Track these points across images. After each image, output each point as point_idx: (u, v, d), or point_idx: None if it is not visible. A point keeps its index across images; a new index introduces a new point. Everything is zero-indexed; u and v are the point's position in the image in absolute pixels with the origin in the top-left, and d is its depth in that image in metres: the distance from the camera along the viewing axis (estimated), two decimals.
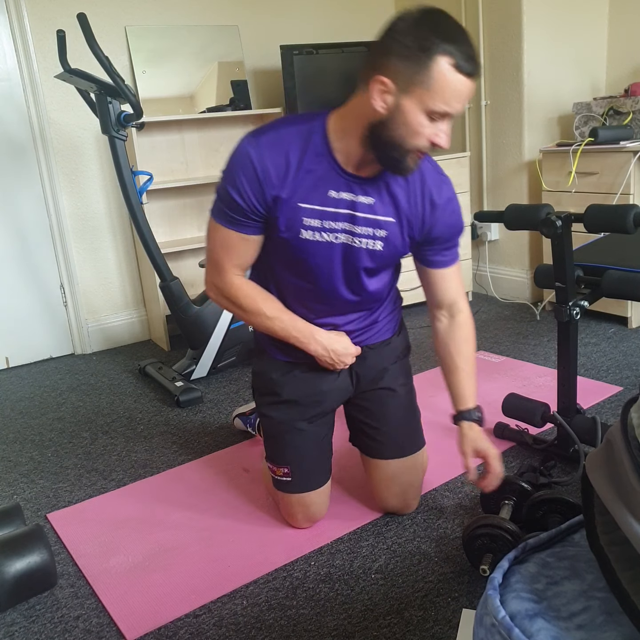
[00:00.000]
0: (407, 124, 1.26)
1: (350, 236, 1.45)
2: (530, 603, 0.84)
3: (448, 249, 1.55)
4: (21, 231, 3.06)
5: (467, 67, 1.21)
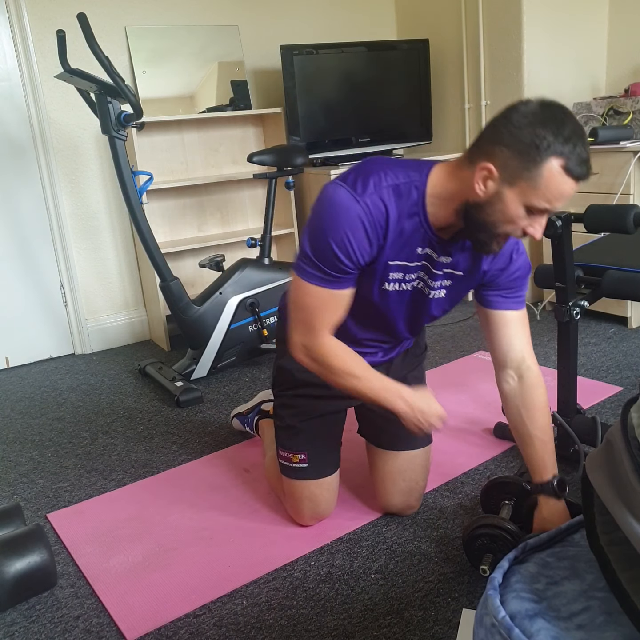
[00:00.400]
0: (505, 213, 1.24)
1: (425, 286, 1.45)
2: (530, 603, 0.84)
3: (512, 290, 1.48)
4: (21, 231, 3.06)
5: (579, 172, 1.19)
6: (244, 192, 3.51)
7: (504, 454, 1.97)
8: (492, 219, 1.26)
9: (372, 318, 1.52)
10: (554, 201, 1.21)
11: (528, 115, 1.17)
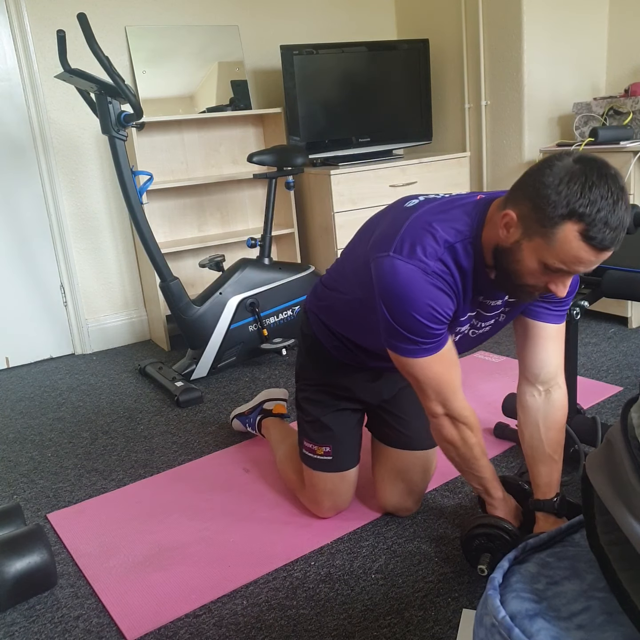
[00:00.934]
0: (522, 264, 1.20)
1: (473, 329, 1.45)
2: (531, 603, 0.84)
3: (558, 303, 1.42)
4: (21, 231, 3.06)
5: (600, 241, 1.11)
6: (244, 192, 3.51)
7: (504, 454, 1.97)
8: (515, 268, 1.22)
9: None
10: (571, 265, 1.15)
11: (560, 173, 1.11)
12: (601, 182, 1.10)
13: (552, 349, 1.43)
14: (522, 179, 1.18)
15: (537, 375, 1.44)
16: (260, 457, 2.08)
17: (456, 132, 3.63)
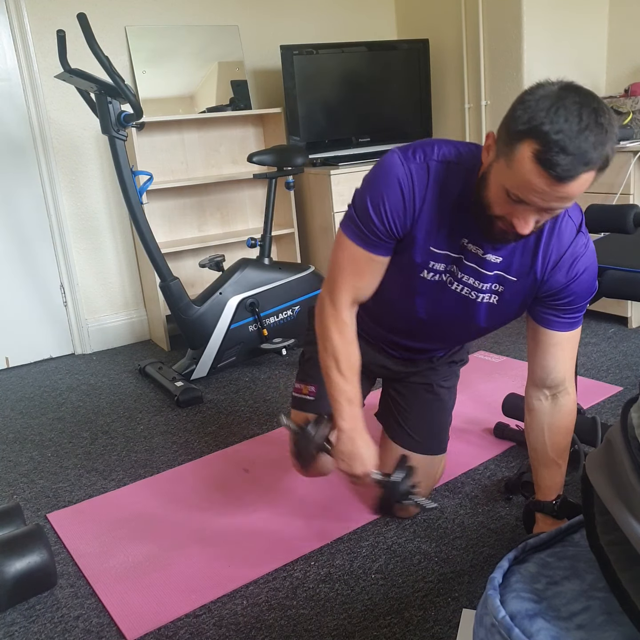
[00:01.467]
0: (490, 190, 1.15)
1: (467, 288, 1.37)
2: (530, 603, 0.84)
3: (568, 311, 1.35)
4: (21, 231, 3.06)
5: (551, 166, 1.01)
6: (244, 192, 3.51)
7: (504, 454, 1.97)
8: (485, 195, 1.16)
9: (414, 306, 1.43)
10: (525, 192, 1.06)
11: (538, 94, 1.03)
12: (574, 107, 1.01)
13: (561, 356, 1.38)
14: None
15: (544, 380, 1.41)
16: (260, 457, 2.08)
17: (456, 132, 3.63)
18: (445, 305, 1.41)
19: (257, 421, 2.35)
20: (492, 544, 1.57)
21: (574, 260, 1.30)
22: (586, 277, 1.32)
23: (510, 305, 1.39)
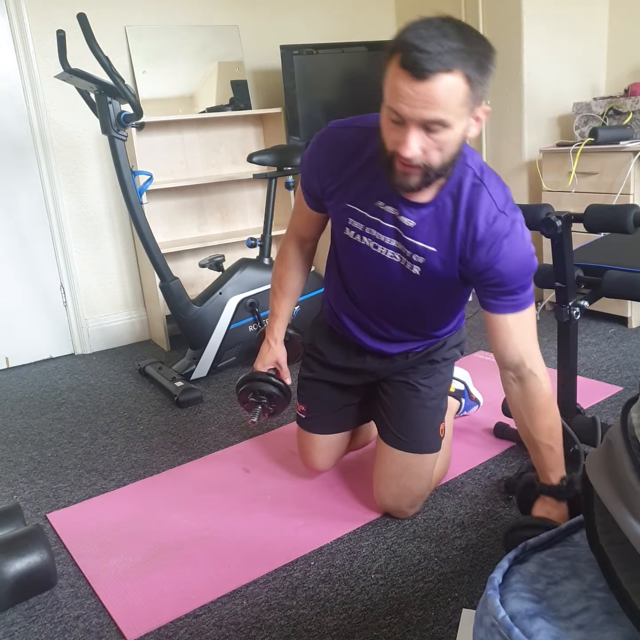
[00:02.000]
0: (382, 126, 1.25)
1: (392, 251, 1.42)
2: (530, 603, 0.84)
3: (503, 294, 1.36)
4: (21, 231, 3.06)
5: (408, 62, 1.09)
6: (244, 192, 3.51)
7: (504, 454, 1.97)
8: (380, 136, 1.26)
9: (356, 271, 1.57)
10: (394, 101, 1.16)
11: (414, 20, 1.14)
12: (438, 21, 1.10)
13: (510, 340, 1.41)
14: None
15: (502, 363, 1.46)
16: (260, 457, 2.08)
17: None
18: (379, 271, 1.48)
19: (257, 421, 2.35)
20: (492, 544, 1.57)
21: (495, 240, 1.31)
22: (511, 258, 1.32)
23: (437, 279, 1.42)
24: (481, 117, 1.22)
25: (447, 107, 1.13)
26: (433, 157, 1.20)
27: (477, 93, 1.16)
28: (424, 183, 1.26)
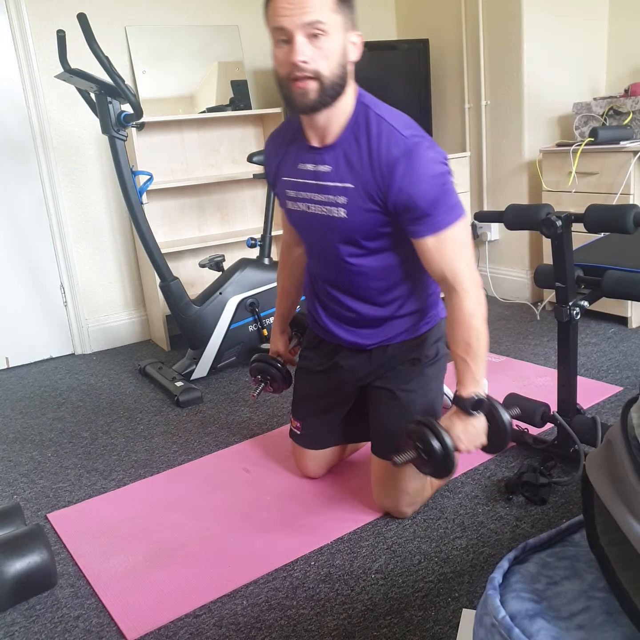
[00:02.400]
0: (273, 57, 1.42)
1: (320, 205, 1.54)
2: (530, 603, 0.84)
3: (419, 218, 1.43)
4: (21, 231, 3.06)
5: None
6: (244, 192, 3.51)
7: (504, 454, 1.97)
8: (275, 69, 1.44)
9: (306, 245, 1.70)
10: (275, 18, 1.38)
11: None
12: None
13: (430, 254, 1.46)
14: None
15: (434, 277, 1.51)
16: (260, 457, 2.08)
17: (456, 132, 3.63)
18: (317, 231, 1.58)
19: (257, 421, 2.35)
20: (492, 544, 1.57)
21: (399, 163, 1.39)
22: (418, 178, 1.39)
23: (363, 215, 1.48)
24: (357, 42, 1.41)
25: (321, 10, 1.32)
26: (321, 64, 1.35)
27: (345, 9, 1.36)
28: (322, 98, 1.39)
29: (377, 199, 1.45)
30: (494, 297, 3.57)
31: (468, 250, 1.48)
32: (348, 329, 1.69)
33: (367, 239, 1.52)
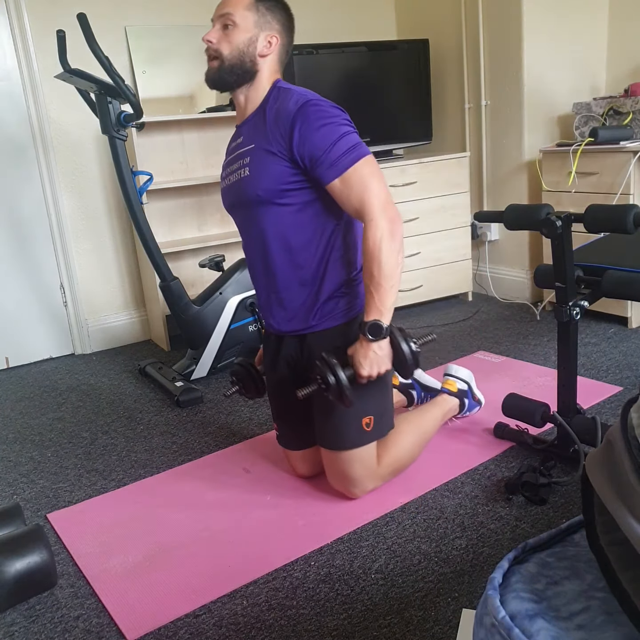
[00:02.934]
0: None
1: (234, 174, 1.70)
2: (530, 603, 0.84)
3: (321, 162, 1.55)
4: (21, 231, 3.06)
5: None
6: None
7: (504, 454, 1.97)
8: None
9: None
10: (216, 9, 1.64)
11: None
12: None
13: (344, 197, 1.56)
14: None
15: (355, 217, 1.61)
16: (260, 457, 2.08)
17: (456, 132, 3.63)
18: (233, 200, 1.75)
19: (257, 421, 2.35)
20: (492, 544, 1.57)
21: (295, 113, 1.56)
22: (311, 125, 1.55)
23: (260, 167, 1.62)
24: (272, 42, 1.70)
25: (235, 7, 1.62)
26: (223, 46, 1.63)
27: (260, 10, 1.65)
28: (220, 76, 1.65)
29: (278, 152, 1.58)
30: (493, 297, 3.57)
31: (377, 184, 1.55)
32: (278, 312, 1.75)
33: (274, 195, 1.62)
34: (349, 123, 1.62)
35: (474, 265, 3.66)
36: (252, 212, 1.68)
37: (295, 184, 1.60)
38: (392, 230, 1.53)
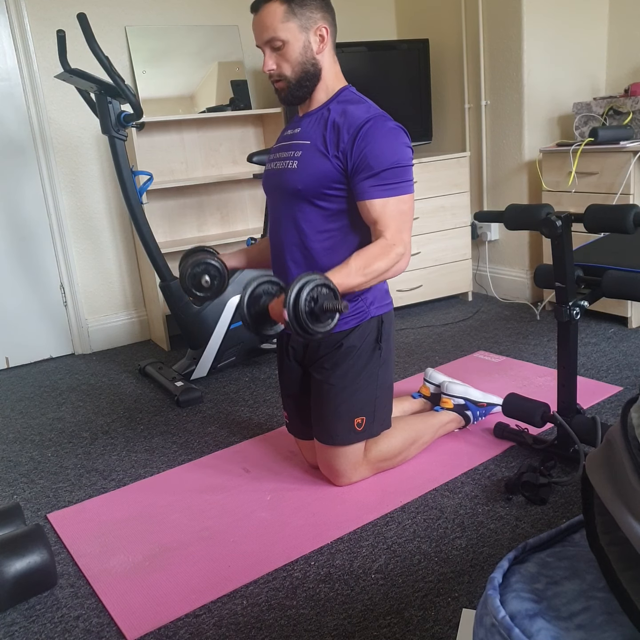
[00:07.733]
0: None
1: (281, 161, 1.72)
2: (530, 603, 0.84)
3: (365, 179, 1.59)
4: (21, 231, 3.06)
5: (251, 7, 1.63)
6: (244, 192, 3.51)
7: (504, 454, 1.97)
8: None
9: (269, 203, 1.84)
10: (254, 37, 1.64)
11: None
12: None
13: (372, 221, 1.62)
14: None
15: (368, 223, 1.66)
16: (260, 457, 2.08)
17: (456, 132, 3.63)
18: (273, 184, 1.76)
19: (257, 421, 2.35)
20: (492, 544, 1.57)
21: (361, 127, 1.60)
22: (377, 142, 1.58)
23: (309, 165, 1.65)
24: (323, 33, 1.77)
25: (273, 26, 1.59)
26: (284, 68, 1.65)
27: (297, 14, 1.62)
28: (292, 93, 1.68)
29: (332, 154, 1.61)
30: (493, 297, 3.57)
31: (405, 224, 1.63)
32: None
33: (313, 194, 1.65)
34: (409, 150, 1.66)
35: (474, 265, 3.66)
36: (288, 203, 1.72)
37: (336, 190, 1.64)
38: (396, 260, 1.60)
